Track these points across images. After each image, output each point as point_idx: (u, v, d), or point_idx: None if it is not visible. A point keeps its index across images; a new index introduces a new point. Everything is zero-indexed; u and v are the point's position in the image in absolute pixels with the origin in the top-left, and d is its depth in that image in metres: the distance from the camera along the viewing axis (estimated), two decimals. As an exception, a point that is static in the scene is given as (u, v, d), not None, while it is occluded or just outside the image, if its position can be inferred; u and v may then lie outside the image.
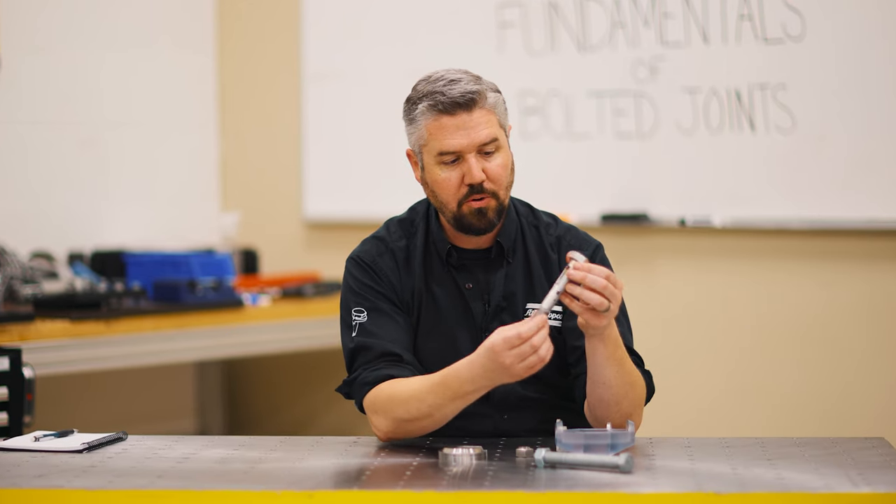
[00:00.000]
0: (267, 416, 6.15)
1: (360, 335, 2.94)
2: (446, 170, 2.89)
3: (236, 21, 6.09)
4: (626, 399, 2.83)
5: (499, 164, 2.89)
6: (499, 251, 2.99)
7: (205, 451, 2.83)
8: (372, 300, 2.96)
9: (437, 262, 3.00)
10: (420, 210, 3.06)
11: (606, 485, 2.48)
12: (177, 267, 5.10)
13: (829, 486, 2.45)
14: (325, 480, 2.57)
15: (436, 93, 2.87)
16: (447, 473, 2.58)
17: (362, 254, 3.02)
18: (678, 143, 4.98)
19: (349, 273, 3.01)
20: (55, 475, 2.61)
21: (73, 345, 4.57)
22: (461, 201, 2.90)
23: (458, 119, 2.86)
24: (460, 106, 2.86)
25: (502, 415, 2.95)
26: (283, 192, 6.00)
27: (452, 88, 2.86)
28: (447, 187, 2.90)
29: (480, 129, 2.87)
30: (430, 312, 2.98)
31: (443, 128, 2.87)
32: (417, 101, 2.91)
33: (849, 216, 4.68)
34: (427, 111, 2.89)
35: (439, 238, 2.99)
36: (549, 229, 3.04)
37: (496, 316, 2.96)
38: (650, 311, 5.07)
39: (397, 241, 3.02)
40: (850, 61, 4.63)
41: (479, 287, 2.98)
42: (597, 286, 2.68)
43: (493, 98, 2.90)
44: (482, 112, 2.87)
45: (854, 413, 4.75)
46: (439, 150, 2.89)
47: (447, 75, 2.90)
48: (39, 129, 5.50)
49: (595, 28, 5.13)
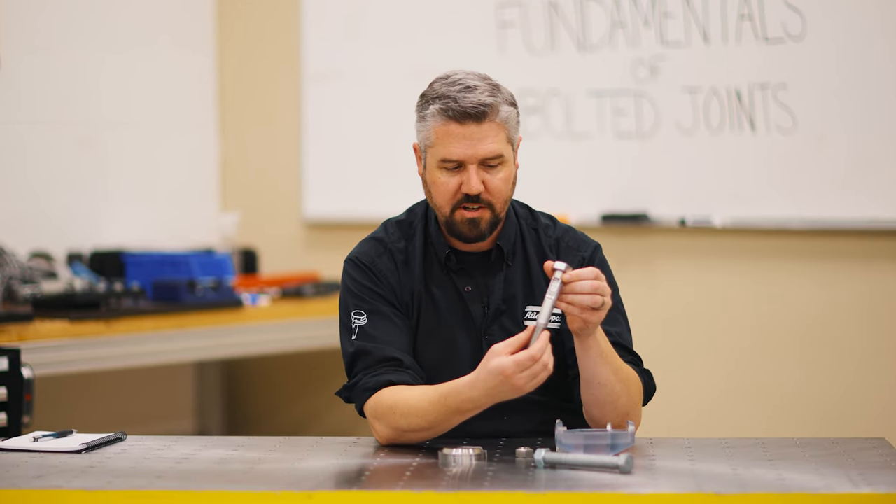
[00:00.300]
0: (266, 417, 6.14)
1: (360, 339, 2.93)
2: (446, 174, 2.89)
3: (236, 21, 6.08)
4: (621, 397, 2.83)
5: (500, 178, 2.89)
6: (498, 254, 2.98)
7: (204, 452, 2.83)
8: (371, 302, 2.95)
9: (435, 265, 2.99)
10: (418, 212, 3.05)
11: (606, 485, 2.47)
12: (176, 267, 5.09)
13: (830, 487, 2.45)
14: (324, 481, 2.57)
15: (449, 97, 2.86)
16: (447, 474, 2.58)
17: (361, 255, 3.01)
18: (678, 143, 4.98)
19: (347, 275, 3.00)
20: (54, 476, 2.60)
21: (72, 345, 4.56)
22: (454, 207, 2.90)
23: (467, 129, 2.85)
24: (470, 116, 2.84)
25: (502, 416, 2.93)
26: (283, 192, 5.99)
27: (466, 97, 2.85)
28: (444, 192, 2.89)
29: (486, 143, 2.86)
30: (430, 315, 2.98)
31: (449, 134, 2.86)
32: (431, 100, 2.90)
33: (849, 216, 4.68)
34: (437, 114, 2.87)
35: (438, 241, 2.99)
36: (548, 231, 3.04)
37: (495, 319, 2.96)
38: (650, 311, 5.07)
39: (396, 242, 3.01)
40: (851, 61, 4.63)
41: (478, 290, 2.98)
42: (587, 289, 2.70)
43: (505, 112, 2.88)
44: (492, 125, 2.86)
45: (854, 413, 4.75)
46: (442, 157, 2.88)
47: (465, 80, 2.88)
48: (39, 129, 5.49)
49: (595, 28, 5.13)
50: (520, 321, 2.95)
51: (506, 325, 2.95)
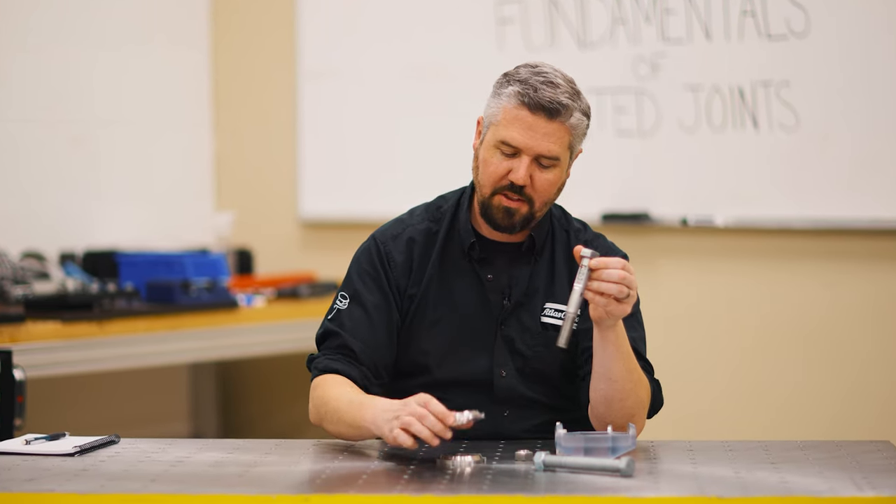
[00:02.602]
0: (262, 419, 6.15)
1: (334, 321, 3.01)
2: (499, 156, 2.91)
3: (231, 17, 6.09)
4: (630, 396, 2.84)
5: (548, 179, 2.92)
6: (530, 246, 3.01)
7: (199, 455, 2.82)
8: (358, 289, 3.01)
9: (457, 251, 3.02)
10: (451, 199, 3.08)
11: (607, 489, 2.47)
12: (170, 267, 5.10)
13: (834, 490, 2.44)
14: (321, 484, 2.57)
15: (530, 85, 2.88)
16: (445, 477, 2.57)
17: (378, 235, 3.06)
18: (680, 142, 4.99)
19: (357, 254, 3.07)
20: (46, 479, 2.59)
21: (64, 346, 4.57)
22: (496, 191, 2.92)
23: (536, 120, 2.88)
24: (543, 109, 2.87)
25: (503, 411, 2.96)
26: (279, 191, 6.00)
27: (546, 90, 2.87)
28: (492, 172, 2.92)
29: (548, 141, 2.89)
30: (441, 301, 3.00)
31: (517, 119, 2.88)
32: (513, 81, 2.91)
33: (853, 216, 4.70)
34: (514, 96, 2.89)
35: (465, 228, 3.01)
36: (579, 235, 3.07)
37: (514, 311, 2.99)
38: (652, 312, 4.95)
39: (418, 223, 3.06)
40: (855, 58, 4.64)
41: (499, 280, 3.00)
42: (614, 277, 2.72)
43: (576, 119, 2.90)
44: (560, 127, 2.89)
45: (859, 416, 4.77)
46: (502, 139, 2.90)
47: (551, 76, 2.90)
48: (30, 128, 5.50)
49: (595, 24, 5.13)
50: (538, 317, 2.99)
51: (523, 319, 2.98)
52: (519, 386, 2.96)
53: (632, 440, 2.69)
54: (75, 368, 4.69)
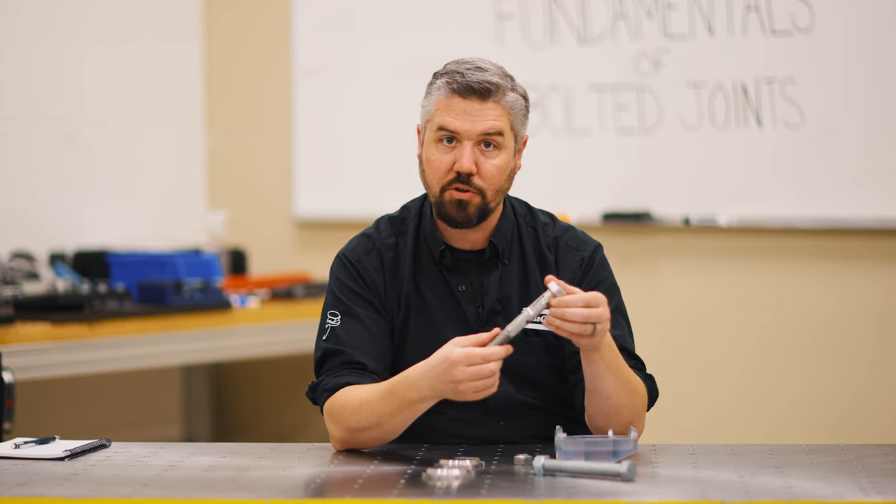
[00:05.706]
0: (256, 423, 6.15)
1: (330, 341, 2.94)
2: (440, 150, 2.87)
3: (224, 14, 6.10)
4: (626, 408, 2.82)
5: (495, 164, 2.87)
6: (493, 252, 2.96)
7: (191, 459, 2.83)
8: (347, 304, 2.95)
9: (428, 263, 2.97)
10: (413, 208, 3.03)
11: (608, 493, 2.46)
12: (162, 267, 5.10)
13: (839, 495, 2.44)
14: (316, 489, 2.57)
15: (457, 73, 2.87)
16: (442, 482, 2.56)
17: (348, 252, 3.00)
18: (682, 139, 4.98)
19: (333, 273, 3.01)
20: (36, 483, 2.60)
21: (54, 348, 4.58)
22: (445, 187, 2.87)
23: (469, 104, 2.85)
24: (474, 91, 2.85)
25: (498, 421, 2.92)
26: (273, 190, 6.00)
27: (474, 74, 2.86)
28: (436, 168, 2.88)
29: (486, 119, 2.85)
30: (420, 315, 2.96)
31: (450, 107, 2.86)
32: (440, 76, 2.91)
33: (859, 214, 4.70)
34: (442, 87, 2.88)
35: (432, 237, 2.96)
36: (547, 230, 3.01)
37: (490, 319, 2.93)
38: (653, 312, 5.10)
39: (386, 238, 3.00)
40: (861, 54, 4.65)
41: (472, 290, 2.95)
42: (577, 318, 2.66)
43: (512, 98, 2.88)
44: (494, 105, 2.86)
45: (864, 419, 4.76)
46: (439, 125, 2.87)
47: (477, 62, 2.90)
48: (19, 126, 5.49)
49: (596, 19, 5.13)
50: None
51: (501, 326, 2.90)
52: (512, 394, 2.90)
53: (633, 444, 2.69)
54: (65, 370, 4.69)
